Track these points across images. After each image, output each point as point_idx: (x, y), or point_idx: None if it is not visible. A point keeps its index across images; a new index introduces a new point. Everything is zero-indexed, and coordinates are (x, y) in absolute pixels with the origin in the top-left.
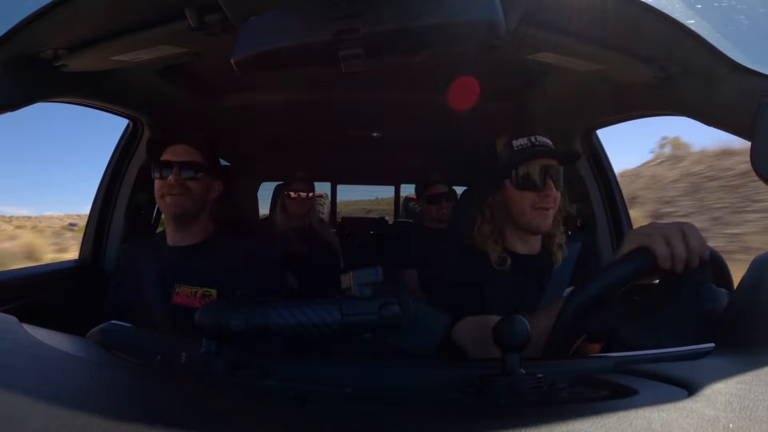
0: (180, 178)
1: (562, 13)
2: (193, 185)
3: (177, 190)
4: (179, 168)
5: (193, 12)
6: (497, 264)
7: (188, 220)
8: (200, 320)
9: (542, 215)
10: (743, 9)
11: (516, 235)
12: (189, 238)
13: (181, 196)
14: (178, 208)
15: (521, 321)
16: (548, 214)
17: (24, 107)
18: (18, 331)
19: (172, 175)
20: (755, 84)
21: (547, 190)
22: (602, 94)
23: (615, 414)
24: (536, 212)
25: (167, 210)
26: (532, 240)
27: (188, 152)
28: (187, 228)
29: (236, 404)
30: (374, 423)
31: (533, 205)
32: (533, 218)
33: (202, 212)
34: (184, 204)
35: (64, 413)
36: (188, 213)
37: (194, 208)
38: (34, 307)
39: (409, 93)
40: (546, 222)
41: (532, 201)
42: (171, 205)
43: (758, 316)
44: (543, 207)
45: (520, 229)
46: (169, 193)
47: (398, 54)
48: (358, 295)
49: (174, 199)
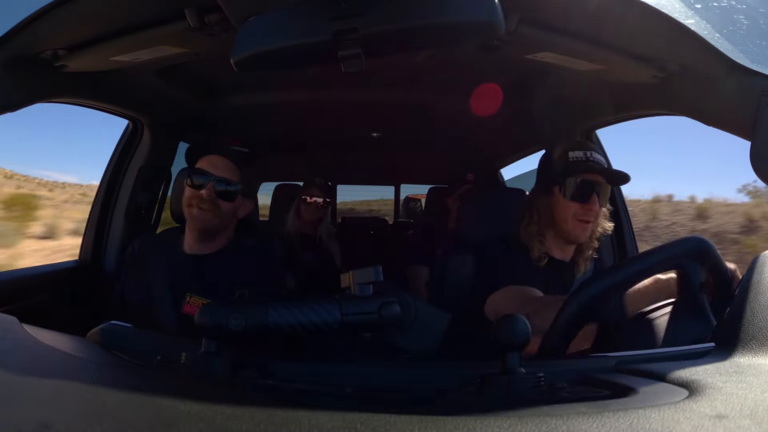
0: (212, 194)
1: (562, 13)
2: (225, 205)
3: (207, 205)
4: (215, 182)
5: (193, 12)
6: (536, 260)
7: (211, 235)
8: (200, 320)
9: (582, 227)
10: (743, 9)
11: (553, 240)
12: (208, 248)
13: (209, 212)
14: (203, 224)
15: (521, 321)
16: (588, 227)
17: (24, 107)
18: (18, 331)
19: (206, 188)
20: (755, 84)
21: (592, 204)
22: (602, 94)
23: (615, 414)
24: (577, 223)
25: (192, 222)
26: (567, 248)
27: (227, 167)
28: (208, 240)
29: (236, 404)
30: (374, 423)
31: (575, 215)
32: (573, 228)
33: (228, 227)
34: (210, 221)
35: (65, 413)
36: (213, 230)
37: (220, 226)
38: (34, 307)
39: (409, 93)
40: (584, 234)
41: (575, 211)
42: (197, 219)
43: (758, 316)
44: (584, 219)
45: (558, 236)
46: (198, 205)
47: (398, 54)
48: (358, 295)
49: (201, 214)
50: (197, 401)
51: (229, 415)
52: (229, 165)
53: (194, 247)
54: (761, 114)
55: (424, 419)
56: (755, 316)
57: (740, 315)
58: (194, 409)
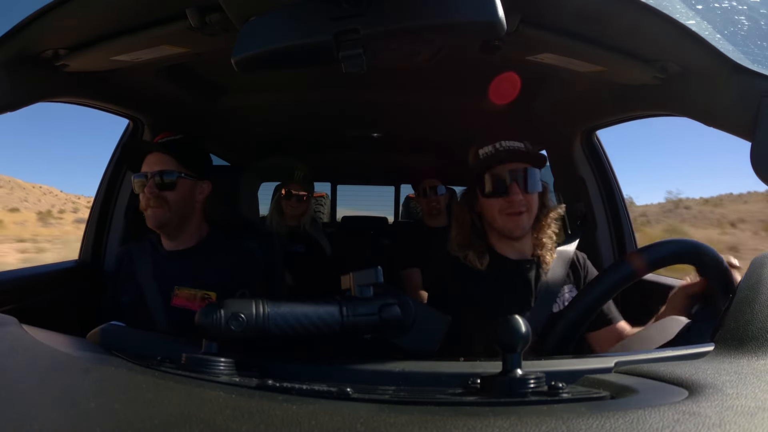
0: (155, 190)
1: (563, 13)
2: (171, 195)
3: (154, 202)
4: (153, 179)
5: (194, 12)
6: (477, 266)
7: (174, 229)
8: (200, 321)
9: (513, 221)
10: (744, 10)
11: (499, 241)
12: (182, 243)
13: (159, 208)
14: (156, 221)
15: (521, 321)
16: (520, 219)
17: (24, 107)
18: (18, 331)
19: (146, 187)
20: (755, 84)
21: (513, 194)
22: (603, 94)
23: (615, 414)
24: (506, 218)
25: (148, 222)
26: (518, 245)
27: (161, 161)
28: (176, 235)
29: (236, 405)
30: (374, 423)
31: (501, 210)
32: (504, 224)
33: (191, 217)
34: (162, 216)
35: (65, 413)
36: (171, 224)
37: (176, 217)
38: (34, 307)
39: (409, 93)
40: (519, 226)
41: (500, 207)
42: (151, 218)
43: (758, 316)
44: (512, 212)
45: (501, 235)
46: (149, 206)
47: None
48: (358, 296)
49: (152, 212)
50: (197, 402)
51: (229, 416)
52: (162, 158)
53: (170, 244)
54: (762, 115)
55: (424, 419)
56: (755, 316)
57: (740, 315)
58: (194, 410)
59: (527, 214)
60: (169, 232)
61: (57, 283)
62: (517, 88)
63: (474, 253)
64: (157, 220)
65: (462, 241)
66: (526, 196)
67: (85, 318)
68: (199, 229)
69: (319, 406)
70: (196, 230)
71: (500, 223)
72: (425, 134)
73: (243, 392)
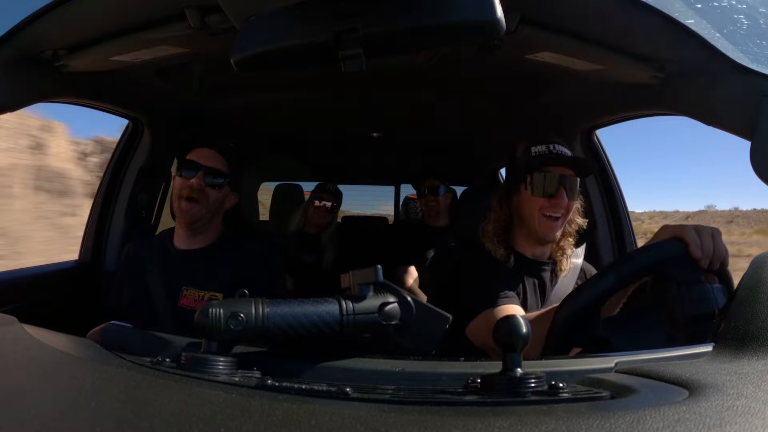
0: (202, 183)
1: (562, 13)
2: (213, 193)
3: (197, 194)
4: (204, 172)
5: (194, 12)
6: (502, 261)
7: (200, 228)
8: (199, 321)
9: (550, 225)
10: (743, 9)
11: (525, 239)
12: (198, 243)
13: (197, 204)
14: (191, 217)
15: (521, 321)
16: (556, 225)
17: (24, 107)
18: (18, 331)
19: (195, 177)
20: (755, 84)
21: (559, 197)
22: (602, 93)
23: (615, 414)
24: (544, 219)
25: (181, 215)
26: (540, 248)
27: (216, 158)
28: (198, 234)
29: (236, 404)
30: (374, 423)
31: (542, 210)
32: (541, 225)
33: (215, 219)
34: (199, 212)
35: (65, 413)
36: (202, 221)
37: (208, 217)
38: (34, 307)
39: (409, 93)
40: (552, 233)
41: (541, 206)
42: (185, 212)
43: (758, 316)
44: (552, 214)
45: (529, 235)
46: (188, 196)
47: (399, 54)
48: (358, 295)
49: (190, 206)
50: (197, 401)
51: (228, 416)
52: (217, 157)
53: (185, 242)
54: (761, 114)
55: (424, 419)
56: (755, 316)
57: (740, 315)
58: (194, 410)
59: (562, 220)
60: (195, 228)
61: (57, 283)
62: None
63: (505, 249)
64: (191, 216)
65: (498, 234)
66: (568, 203)
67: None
68: (216, 231)
69: (319, 406)
70: (213, 232)
71: (538, 222)
72: (425, 134)
73: (242, 392)
